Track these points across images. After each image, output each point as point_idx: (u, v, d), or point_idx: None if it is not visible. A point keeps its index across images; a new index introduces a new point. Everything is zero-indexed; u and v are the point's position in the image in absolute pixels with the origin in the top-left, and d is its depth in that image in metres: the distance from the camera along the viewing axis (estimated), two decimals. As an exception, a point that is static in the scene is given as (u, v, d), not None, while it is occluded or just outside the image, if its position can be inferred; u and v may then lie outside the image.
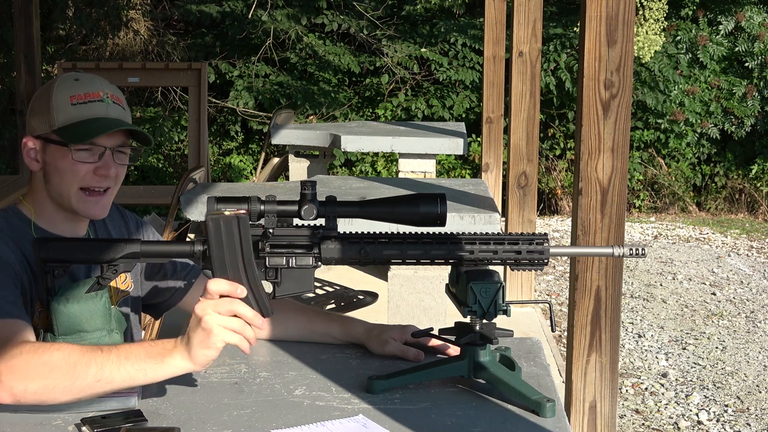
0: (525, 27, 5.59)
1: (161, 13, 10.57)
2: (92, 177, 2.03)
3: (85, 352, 1.74)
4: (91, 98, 2.03)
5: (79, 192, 2.03)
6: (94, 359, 1.73)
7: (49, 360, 1.72)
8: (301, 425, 1.75)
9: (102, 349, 1.75)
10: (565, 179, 10.22)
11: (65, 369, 1.72)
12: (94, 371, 1.72)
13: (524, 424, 1.79)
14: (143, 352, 1.75)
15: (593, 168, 2.76)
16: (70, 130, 2.00)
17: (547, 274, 7.40)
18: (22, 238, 1.99)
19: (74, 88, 2.03)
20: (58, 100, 2.01)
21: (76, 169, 2.01)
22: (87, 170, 2.02)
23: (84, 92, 2.02)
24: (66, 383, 1.72)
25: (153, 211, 8.26)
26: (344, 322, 2.20)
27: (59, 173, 2.03)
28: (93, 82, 2.06)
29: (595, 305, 2.83)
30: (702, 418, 4.65)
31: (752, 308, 6.52)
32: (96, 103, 2.03)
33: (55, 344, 1.77)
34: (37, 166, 2.05)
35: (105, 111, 2.03)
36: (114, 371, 1.73)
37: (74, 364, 1.72)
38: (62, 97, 2.01)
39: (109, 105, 2.04)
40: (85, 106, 2.01)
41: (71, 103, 2.01)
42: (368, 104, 10.57)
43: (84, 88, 2.03)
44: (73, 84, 2.03)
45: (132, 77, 6.80)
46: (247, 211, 1.79)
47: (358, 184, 4.68)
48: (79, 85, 2.03)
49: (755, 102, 10.01)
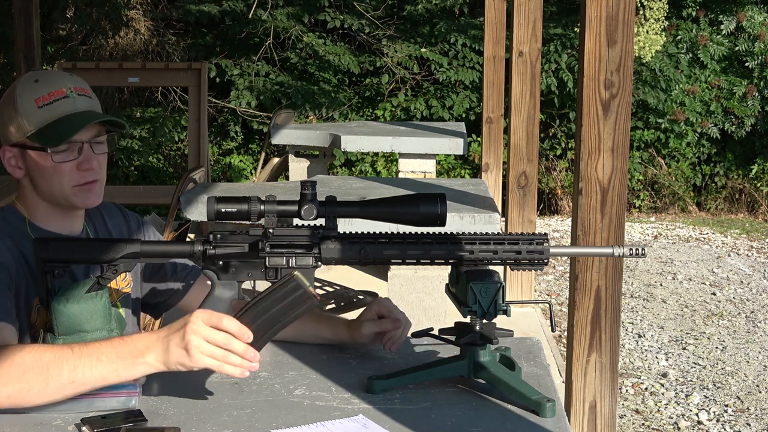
0: (525, 27, 5.59)
1: (161, 13, 10.57)
2: (77, 173, 2.02)
3: (56, 353, 1.74)
4: (56, 96, 2.00)
5: (73, 188, 2.03)
6: (66, 361, 1.73)
7: (22, 362, 1.72)
8: (301, 425, 1.75)
9: (72, 350, 1.74)
10: (565, 179, 10.22)
11: (38, 371, 1.72)
12: (67, 373, 1.72)
13: (524, 424, 1.79)
14: (114, 353, 1.74)
15: (593, 168, 2.76)
16: (44, 134, 1.98)
17: (547, 274, 7.40)
18: (20, 236, 2.00)
19: (37, 90, 2.00)
20: (23, 105, 1.99)
21: (59, 169, 2.01)
22: (70, 168, 2.02)
23: (47, 92, 2.00)
24: (40, 386, 1.72)
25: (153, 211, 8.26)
26: (332, 322, 2.21)
27: (44, 177, 2.02)
28: (53, 80, 2.03)
29: (595, 305, 2.83)
30: (702, 418, 4.65)
31: (752, 308, 6.51)
32: (61, 100, 2.00)
33: (26, 346, 1.76)
34: (20, 173, 2.05)
35: (72, 106, 2.01)
36: (87, 373, 1.73)
37: (47, 366, 1.72)
38: (27, 101, 1.99)
39: (75, 99, 2.02)
40: (51, 107, 1.99)
41: (37, 106, 1.99)
42: (368, 104, 10.57)
43: (46, 88, 2.00)
44: (34, 86, 2.01)
45: (132, 77, 6.81)
46: (318, 298, 1.81)
47: (358, 184, 4.68)
48: (41, 86, 2.01)
49: (755, 102, 10.01)
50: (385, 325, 2.09)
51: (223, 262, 1.91)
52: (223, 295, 1.92)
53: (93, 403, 1.79)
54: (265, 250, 1.88)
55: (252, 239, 1.90)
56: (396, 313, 2.11)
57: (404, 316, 2.12)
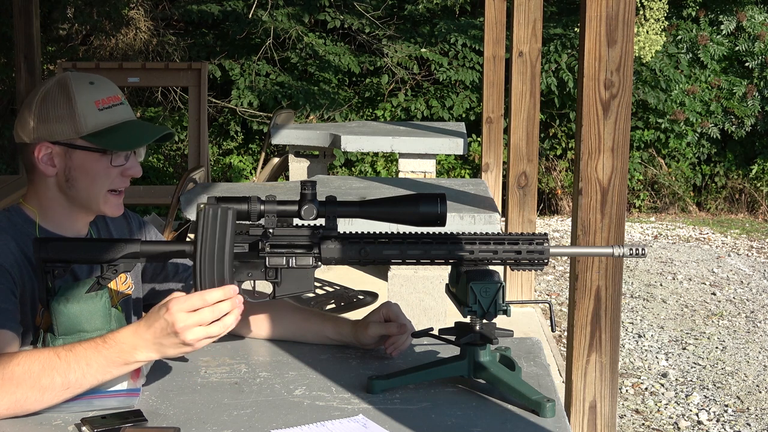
0: (525, 27, 5.59)
1: (161, 13, 10.57)
2: (120, 179, 2.06)
3: (44, 362, 1.73)
4: (114, 102, 2.03)
5: (107, 194, 2.05)
6: (55, 369, 1.73)
7: (12, 376, 1.72)
8: (301, 425, 1.75)
9: (59, 357, 1.74)
10: (565, 179, 10.22)
11: (30, 383, 1.72)
12: (59, 380, 1.73)
13: (524, 424, 1.79)
14: (101, 358, 1.75)
15: (593, 168, 2.76)
16: (106, 137, 2.00)
17: (547, 274, 7.40)
18: (25, 238, 1.99)
19: (95, 93, 2.01)
20: (82, 105, 1.99)
21: (107, 173, 2.03)
22: (116, 173, 2.05)
23: (106, 96, 2.02)
24: (36, 395, 1.73)
25: (153, 211, 8.26)
26: (336, 322, 2.21)
27: (90, 177, 2.02)
28: (107, 85, 2.05)
29: (595, 305, 2.83)
30: (702, 418, 4.65)
31: (752, 308, 6.51)
32: (120, 106, 2.03)
33: (14, 357, 1.75)
34: (52, 171, 2.02)
35: (129, 113, 2.05)
36: (80, 377, 1.74)
37: (38, 377, 1.72)
38: (87, 102, 1.99)
39: (128, 106, 2.06)
40: (111, 111, 2.01)
41: (98, 108, 2.00)
42: (368, 104, 10.57)
43: (104, 92, 2.02)
44: (91, 88, 2.01)
45: (132, 77, 6.80)
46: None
47: (358, 184, 4.68)
48: (98, 90, 2.02)
49: (755, 102, 10.01)
50: (391, 328, 2.09)
51: (223, 262, 1.91)
52: (223, 295, 1.92)
53: (93, 403, 1.79)
54: (265, 250, 1.88)
55: (252, 239, 1.90)
56: (403, 319, 2.11)
57: (411, 324, 2.12)
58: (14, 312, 1.90)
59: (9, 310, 1.88)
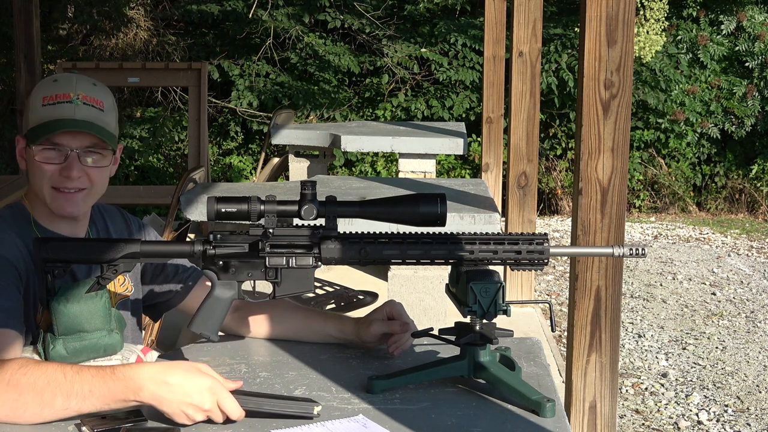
0: (525, 27, 5.59)
1: (161, 13, 10.57)
2: (59, 178, 2.03)
3: (50, 378, 1.71)
4: (61, 99, 2.02)
5: (51, 190, 2.04)
6: (59, 388, 1.70)
7: (18, 384, 1.71)
8: (301, 425, 1.75)
9: (65, 376, 1.72)
10: (565, 179, 10.22)
11: (34, 395, 1.70)
12: (60, 401, 1.71)
13: (524, 424, 1.78)
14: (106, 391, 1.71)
15: (593, 168, 2.76)
16: (35, 131, 2.02)
17: (547, 274, 7.40)
18: (27, 232, 2.02)
19: (49, 89, 2.04)
20: (33, 100, 2.04)
21: (42, 168, 2.03)
22: (53, 171, 2.03)
23: (56, 93, 2.03)
24: (35, 409, 1.71)
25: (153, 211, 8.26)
26: (339, 320, 2.21)
27: (32, 172, 2.05)
28: (69, 83, 2.05)
29: (595, 305, 2.83)
30: (702, 418, 4.65)
31: (752, 308, 6.51)
32: (64, 104, 2.02)
33: (22, 365, 1.73)
34: (24, 165, 2.09)
35: (71, 112, 2.02)
36: (81, 404, 1.71)
37: (41, 392, 1.71)
38: (37, 97, 2.04)
39: (77, 106, 2.02)
40: (52, 107, 2.01)
41: (42, 104, 2.02)
42: (368, 104, 10.57)
43: (58, 89, 2.03)
44: (50, 85, 2.05)
45: (132, 77, 6.80)
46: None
47: (358, 184, 4.68)
48: (55, 86, 2.04)
49: (755, 102, 10.01)
50: (394, 326, 2.09)
51: (223, 262, 1.91)
52: (223, 295, 1.93)
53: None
54: (265, 250, 1.88)
55: (252, 239, 1.90)
56: (406, 318, 2.11)
57: (413, 323, 2.12)
58: (18, 310, 1.90)
59: (13, 308, 1.88)
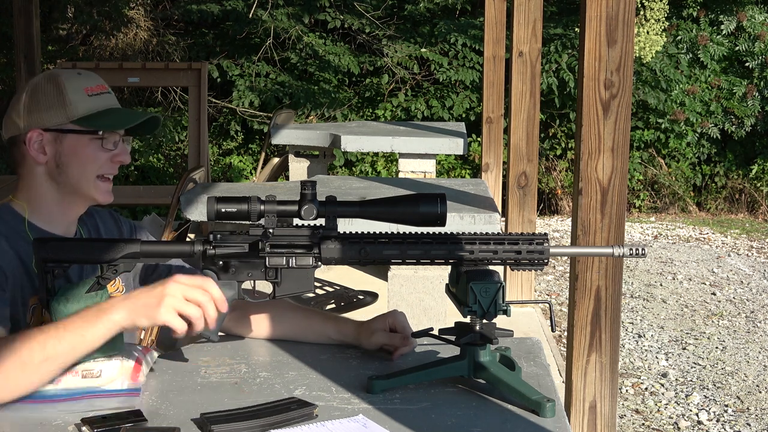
0: (525, 27, 5.59)
1: (161, 13, 10.57)
2: (109, 164, 2.09)
3: (25, 335, 1.78)
4: (102, 90, 2.10)
5: (97, 179, 2.08)
6: (34, 340, 1.76)
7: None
8: (301, 425, 1.75)
9: (41, 329, 1.80)
10: (565, 179, 10.22)
11: (12, 359, 1.74)
12: (38, 351, 1.76)
13: (524, 424, 1.78)
14: (78, 318, 1.80)
15: (593, 168, 2.76)
16: (98, 120, 2.05)
17: (547, 274, 7.40)
18: (16, 235, 2.00)
19: (84, 81, 2.08)
20: (72, 92, 2.05)
21: (99, 156, 2.06)
22: (106, 158, 2.08)
23: (94, 84, 2.09)
24: (17, 372, 1.75)
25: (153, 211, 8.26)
26: (339, 321, 2.20)
27: (80, 162, 2.05)
28: (94, 77, 2.13)
29: (595, 305, 2.83)
30: (702, 418, 4.65)
31: (752, 308, 6.52)
32: (107, 94, 2.11)
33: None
34: (43, 159, 2.05)
35: (115, 101, 2.12)
36: (57, 345, 1.76)
37: (18, 351, 1.74)
38: (77, 89, 2.06)
39: (114, 96, 2.13)
40: (100, 98, 2.08)
41: (88, 95, 2.06)
42: (368, 104, 10.57)
43: (92, 81, 2.10)
44: (79, 77, 2.09)
45: (132, 77, 6.80)
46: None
47: (358, 184, 4.68)
48: (86, 79, 2.10)
49: (755, 102, 10.01)
50: (395, 340, 2.08)
51: (223, 262, 1.91)
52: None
53: (93, 403, 1.79)
54: (265, 250, 1.88)
55: (252, 239, 1.90)
56: (408, 331, 2.10)
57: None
58: (4, 308, 1.90)
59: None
